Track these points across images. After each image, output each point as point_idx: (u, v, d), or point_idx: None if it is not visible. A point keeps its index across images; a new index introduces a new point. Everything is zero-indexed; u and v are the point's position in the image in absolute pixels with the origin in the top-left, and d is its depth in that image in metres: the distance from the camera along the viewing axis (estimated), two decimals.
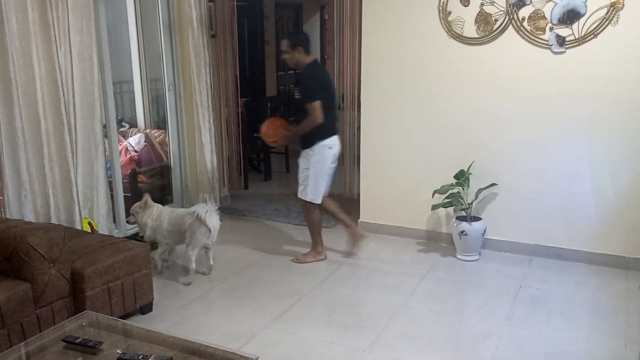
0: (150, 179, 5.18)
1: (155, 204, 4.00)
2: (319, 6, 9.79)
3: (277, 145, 4.84)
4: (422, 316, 3.40)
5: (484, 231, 4.23)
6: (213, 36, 5.10)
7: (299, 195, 4.18)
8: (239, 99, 5.76)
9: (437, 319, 3.37)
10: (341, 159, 5.47)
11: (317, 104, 3.82)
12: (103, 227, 4.18)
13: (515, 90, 4.11)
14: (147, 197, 3.97)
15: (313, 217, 4.19)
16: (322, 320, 3.33)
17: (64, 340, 2.26)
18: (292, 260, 4.24)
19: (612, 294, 3.61)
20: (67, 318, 2.88)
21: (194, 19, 4.78)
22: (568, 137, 4.02)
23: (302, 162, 4.10)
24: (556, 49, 3.93)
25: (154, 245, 3.97)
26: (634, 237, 3.90)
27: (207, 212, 3.79)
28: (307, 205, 4.16)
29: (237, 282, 3.88)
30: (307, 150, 4.04)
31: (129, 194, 4.80)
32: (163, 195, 5.26)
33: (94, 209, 4.11)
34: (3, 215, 3.51)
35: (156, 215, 3.91)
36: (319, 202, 4.13)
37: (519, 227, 4.27)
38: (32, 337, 2.47)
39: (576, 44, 3.87)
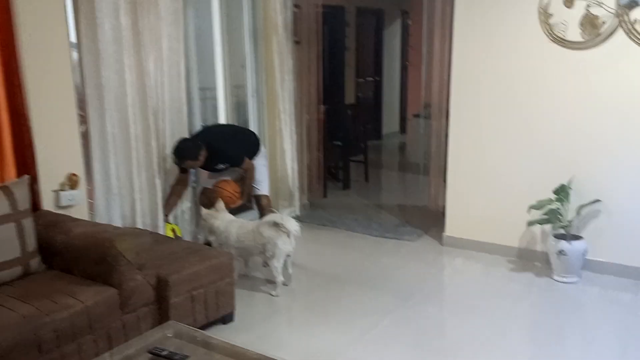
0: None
1: (227, 213, 3.90)
2: (401, 12, 9.61)
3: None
4: (519, 346, 3.13)
5: (585, 251, 3.88)
6: (297, 42, 5.04)
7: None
8: (320, 106, 5.66)
9: (537, 352, 3.08)
10: (427, 170, 5.28)
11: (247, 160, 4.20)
12: (187, 233, 4.19)
13: (625, 104, 3.75)
14: (220, 203, 3.92)
15: None
16: (409, 343, 3.13)
17: (150, 352, 2.20)
18: None
19: None
20: (152, 325, 2.86)
21: (279, 25, 4.74)
22: None
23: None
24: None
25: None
26: None
27: (282, 218, 3.72)
28: None
29: (318, 296, 3.75)
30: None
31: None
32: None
33: (178, 214, 4.12)
34: (92, 219, 3.56)
35: (224, 226, 3.79)
36: None
37: (625, 248, 3.89)
38: (118, 346, 2.45)
39: None
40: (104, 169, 3.57)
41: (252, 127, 5.06)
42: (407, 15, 9.26)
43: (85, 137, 3.50)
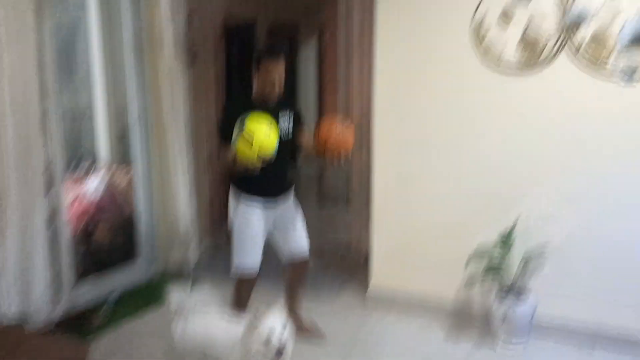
0: (110, 234, 4.23)
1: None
2: (317, 27, 9.03)
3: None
4: None
5: (534, 310, 3.30)
6: (193, 59, 4.22)
7: (304, 254, 3.37)
8: None
9: None
10: (348, 206, 4.59)
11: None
12: (41, 304, 3.23)
13: (570, 132, 3.27)
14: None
15: None
16: None
17: None
18: None
19: None
20: None
21: (168, 40, 3.91)
22: (638, 192, 3.14)
23: (293, 210, 3.32)
24: (624, 81, 3.08)
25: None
26: None
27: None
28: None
29: None
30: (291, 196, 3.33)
31: (79, 255, 3.86)
32: (127, 252, 4.30)
33: (30, 281, 3.16)
34: None
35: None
36: None
37: (577, 304, 3.34)
38: None
39: None
40: None
41: (136, 160, 4.17)
42: (323, 34, 8.69)
43: None
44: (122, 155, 4.52)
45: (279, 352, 2.32)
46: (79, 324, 3.43)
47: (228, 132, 2.84)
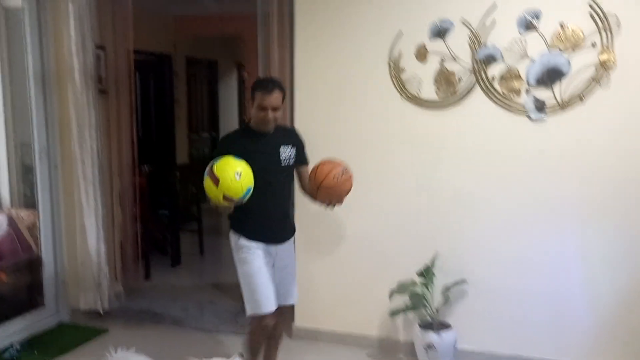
0: (13, 276, 3.90)
1: None
2: (235, 64, 8.98)
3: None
4: None
5: (455, 341, 3.33)
6: (103, 91, 4.02)
7: (294, 301, 3.14)
8: (138, 168, 4.62)
9: None
10: None
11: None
12: None
13: (485, 165, 3.35)
14: None
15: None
16: None
17: None
18: None
19: None
20: None
21: (76, 69, 3.71)
22: (553, 223, 3.27)
23: (291, 254, 3.11)
24: (534, 115, 3.23)
25: None
26: (636, 347, 3.13)
27: None
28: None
29: None
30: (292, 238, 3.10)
31: None
32: (31, 297, 3.96)
33: None
34: None
35: None
36: None
37: (496, 334, 3.41)
38: None
39: (558, 109, 3.18)
40: None
41: (42, 198, 3.88)
42: (243, 67, 8.65)
43: None
44: (27, 193, 4.22)
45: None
46: None
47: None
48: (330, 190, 2.79)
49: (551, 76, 3.16)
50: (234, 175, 2.58)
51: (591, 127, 3.13)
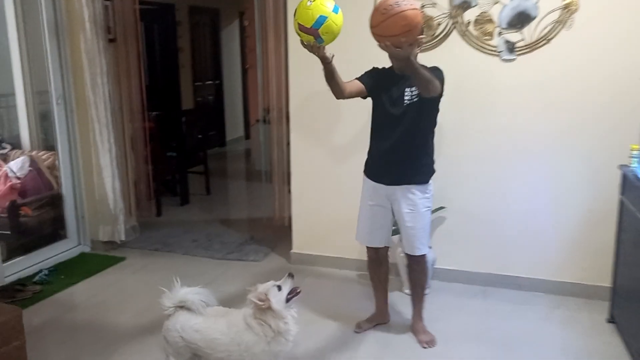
0: (37, 211, 4.31)
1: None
2: (238, 12, 9.14)
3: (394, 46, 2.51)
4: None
5: (434, 260, 3.73)
6: (112, 40, 4.33)
7: (415, 252, 3.04)
8: (147, 113, 4.98)
9: None
10: (269, 178, 4.85)
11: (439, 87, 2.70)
12: None
13: (463, 102, 3.65)
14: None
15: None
16: None
17: None
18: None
19: (581, 332, 3.18)
20: None
21: (87, 19, 4.00)
22: (523, 152, 3.59)
23: (419, 202, 2.96)
24: (506, 55, 3.51)
25: None
26: (598, 263, 3.51)
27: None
28: (423, 260, 3.15)
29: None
30: (426, 184, 2.98)
31: (8, 232, 3.95)
32: (55, 230, 4.40)
33: None
34: None
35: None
36: None
37: (472, 254, 3.81)
38: None
39: (527, 50, 3.46)
40: None
41: (60, 140, 4.26)
42: (244, 16, 8.83)
43: None
44: (46, 136, 4.60)
45: (290, 276, 2.41)
46: (12, 296, 3.54)
47: (362, 76, 2.91)
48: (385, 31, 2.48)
49: (521, 19, 3.43)
50: (307, 1, 2.43)
51: (556, 65, 3.42)
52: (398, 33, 2.43)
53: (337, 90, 2.81)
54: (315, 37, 2.48)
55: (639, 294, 2.81)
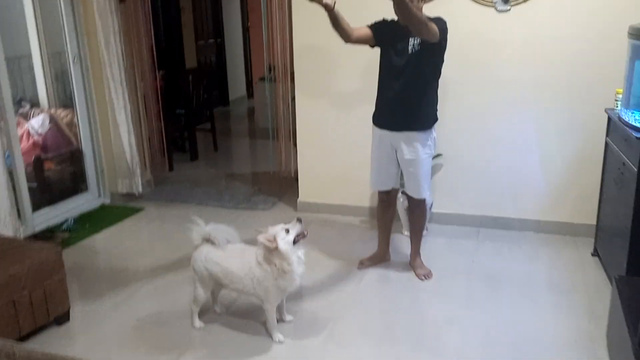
0: (59, 166, 4.59)
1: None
2: None
3: None
4: (376, 306, 3.15)
5: (431, 205, 4.02)
6: (122, 1, 4.50)
7: (416, 195, 3.31)
8: (157, 72, 5.19)
9: (393, 307, 3.12)
10: (276, 134, 5.10)
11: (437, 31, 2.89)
12: (7, 225, 3.61)
13: (458, 54, 3.80)
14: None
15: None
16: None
17: None
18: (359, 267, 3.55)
19: (566, 266, 3.49)
20: None
21: None
22: (515, 103, 3.83)
23: (421, 149, 3.17)
24: (500, 6, 3.70)
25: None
26: (582, 204, 3.81)
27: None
28: (423, 203, 3.42)
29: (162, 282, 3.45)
30: (428, 131, 3.19)
31: (35, 185, 4.22)
32: (76, 184, 4.68)
33: None
34: None
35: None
36: None
37: (466, 199, 4.09)
38: None
39: (521, 0, 3.65)
40: None
41: (77, 98, 4.49)
42: None
43: None
44: (62, 94, 4.82)
45: (299, 220, 2.62)
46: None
47: (372, 24, 3.12)
48: None
49: None
50: None
51: (548, 16, 3.61)
52: None
53: (344, 34, 3.05)
54: None
55: (617, 227, 3.09)
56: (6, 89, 3.72)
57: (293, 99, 4.44)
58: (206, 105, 6.56)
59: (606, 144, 3.41)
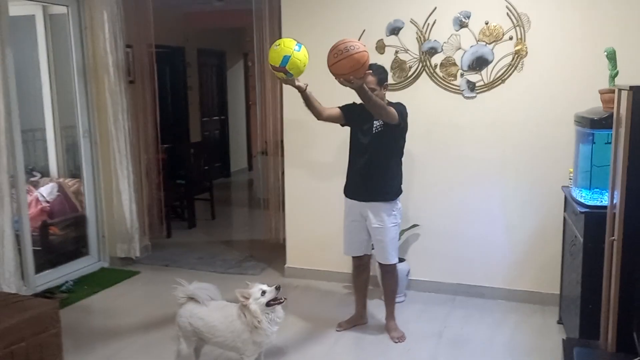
0: (64, 231, 4.91)
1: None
2: (242, 53, 9.88)
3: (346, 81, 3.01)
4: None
5: (408, 272, 4.27)
6: (131, 82, 4.99)
7: (384, 261, 3.60)
8: (160, 146, 5.62)
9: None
10: (266, 204, 5.44)
11: (396, 115, 3.30)
12: (10, 284, 3.89)
13: (431, 134, 4.23)
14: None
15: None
16: None
17: None
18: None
19: (530, 331, 3.70)
20: None
21: (111, 64, 4.67)
22: (481, 180, 4.16)
23: (386, 218, 3.50)
24: (467, 94, 4.11)
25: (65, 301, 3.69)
26: (548, 274, 4.03)
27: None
28: (393, 269, 3.70)
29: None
30: (392, 202, 3.52)
31: (40, 248, 4.52)
32: (78, 248, 4.98)
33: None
34: None
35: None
36: None
37: (442, 267, 4.34)
38: None
39: (486, 89, 4.07)
40: None
41: (85, 168, 4.88)
42: (248, 56, 9.56)
43: None
44: (71, 165, 5.22)
45: (277, 288, 2.88)
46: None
47: (343, 106, 3.53)
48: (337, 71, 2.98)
49: (479, 63, 4.05)
50: (274, 45, 2.98)
51: (510, 103, 4.01)
52: (347, 72, 2.95)
53: (315, 112, 3.47)
54: (285, 72, 3.02)
55: (573, 295, 3.33)
56: (20, 160, 4.11)
57: (283, 172, 4.81)
58: (206, 176, 6.95)
59: (564, 218, 3.70)
